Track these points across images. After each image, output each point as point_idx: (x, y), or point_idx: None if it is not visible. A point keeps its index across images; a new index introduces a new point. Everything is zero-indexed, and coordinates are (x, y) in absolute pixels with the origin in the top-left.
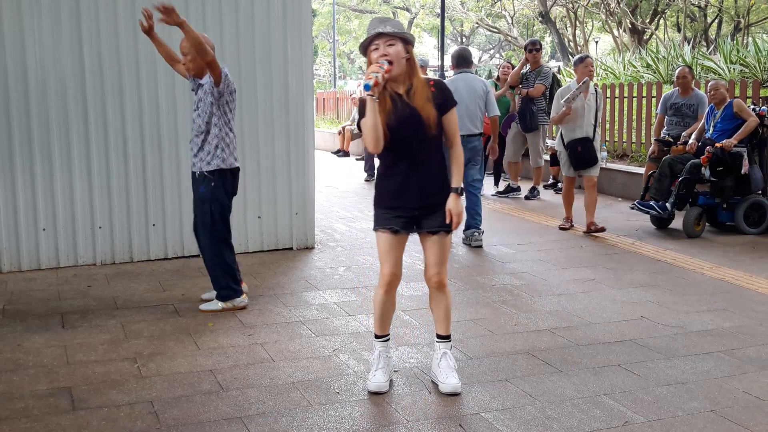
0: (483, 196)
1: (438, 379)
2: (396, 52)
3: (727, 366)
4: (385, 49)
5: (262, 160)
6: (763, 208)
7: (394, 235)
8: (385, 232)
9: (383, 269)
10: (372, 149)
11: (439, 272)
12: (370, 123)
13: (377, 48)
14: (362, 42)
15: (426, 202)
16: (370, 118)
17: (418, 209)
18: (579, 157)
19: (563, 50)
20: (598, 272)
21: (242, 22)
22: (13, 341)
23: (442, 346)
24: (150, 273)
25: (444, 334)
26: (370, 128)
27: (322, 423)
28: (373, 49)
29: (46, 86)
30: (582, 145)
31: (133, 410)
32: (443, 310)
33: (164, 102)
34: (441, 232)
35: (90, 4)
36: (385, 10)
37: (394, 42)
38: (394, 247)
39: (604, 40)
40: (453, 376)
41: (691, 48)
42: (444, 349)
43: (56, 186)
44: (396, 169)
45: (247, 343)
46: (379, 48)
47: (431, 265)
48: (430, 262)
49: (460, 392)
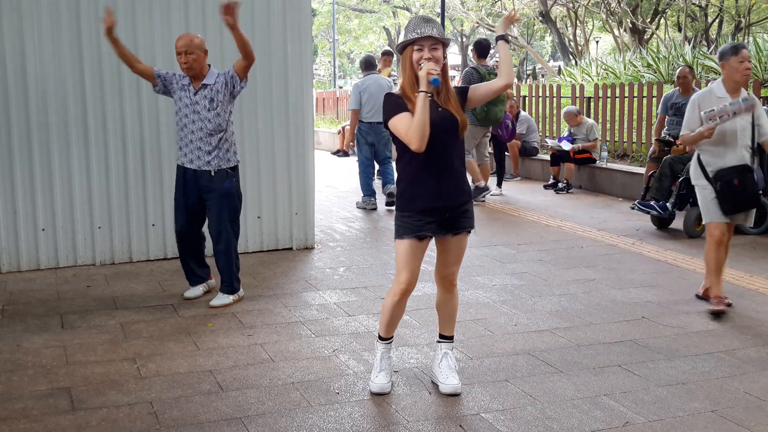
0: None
1: (438, 380)
2: (439, 57)
3: (728, 366)
4: (431, 52)
5: (262, 160)
6: (763, 208)
7: (420, 242)
8: (411, 239)
9: (402, 276)
10: (418, 147)
11: (454, 272)
12: (421, 120)
13: (421, 49)
14: (405, 40)
15: (457, 202)
16: (421, 115)
17: (452, 210)
18: (737, 194)
19: (563, 50)
20: (598, 272)
21: (242, 22)
22: (12, 341)
23: (444, 346)
24: (149, 273)
25: (448, 335)
26: (420, 125)
27: (322, 423)
28: (416, 49)
29: (46, 86)
30: (740, 176)
31: (132, 411)
32: (451, 311)
33: (163, 102)
34: (464, 232)
35: (90, 4)
36: (385, 9)
37: (438, 46)
38: (418, 255)
39: (604, 40)
40: (454, 377)
41: (691, 48)
42: (446, 350)
43: (55, 186)
44: (430, 171)
45: (247, 343)
46: (424, 50)
47: (449, 264)
48: (448, 261)
49: (460, 393)
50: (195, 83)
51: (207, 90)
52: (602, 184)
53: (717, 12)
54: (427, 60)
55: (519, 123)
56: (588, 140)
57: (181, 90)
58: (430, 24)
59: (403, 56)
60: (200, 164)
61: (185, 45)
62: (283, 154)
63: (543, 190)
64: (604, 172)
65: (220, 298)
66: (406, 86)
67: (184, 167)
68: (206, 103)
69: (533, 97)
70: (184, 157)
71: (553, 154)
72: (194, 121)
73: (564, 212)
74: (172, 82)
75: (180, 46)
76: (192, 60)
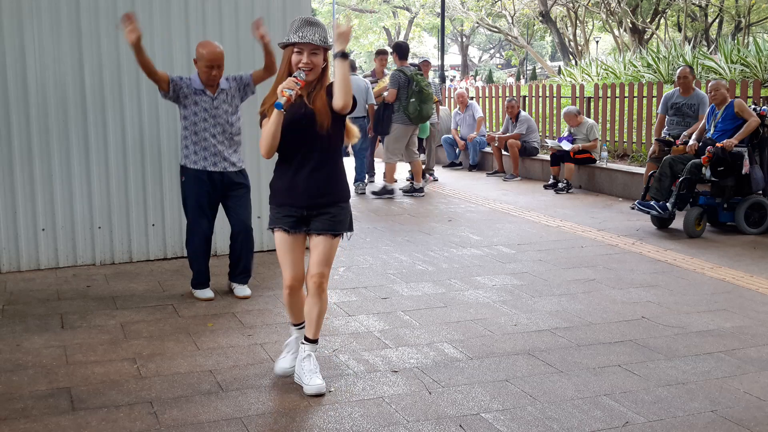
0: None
1: (302, 381)
2: (319, 62)
3: (728, 366)
4: (309, 57)
5: (262, 160)
6: (763, 208)
7: (287, 235)
8: (279, 230)
9: (285, 273)
10: (264, 154)
11: (319, 274)
12: (272, 132)
13: (301, 52)
14: (286, 41)
15: (318, 202)
16: (272, 128)
17: (310, 209)
18: None
19: (564, 50)
20: (598, 272)
21: (242, 22)
22: (12, 341)
23: (308, 348)
24: (149, 273)
25: (312, 338)
26: (269, 136)
27: (322, 423)
28: (296, 51)
29: (46, 86)
30: None
31: (132, 411)
32: (316, 314)
33: (163, 102)
34: (326, 233)
35: (90, 4)
36: (385, 9)
37: (318, 51)
38: (293, 249)
39: (604, 40)
40: (318, 377)
41: (691, 48)
42: (309, 352)
43: (55, 186)
44: (289, 169)
45: (247, 343)
46: (303, 53)
47: (313, 263)
48: (312, 260)
49: (324, 392)
50: (210, 89)
51: (224, 94)
52: (602, 184)
53: (717, 12)
54: (306, 66)
55: (519, 123)
56: (588, 140)
57: (196, 95)
58: (313, 28)
59: (284, 54)
60: (226, 166)
61: (217, 59)
62: None
63: (543, 190)
64: (604, 172)
65: (245, 288)
66: (276, 88)
67: (207, 171)
68: (227, 107)
69: (533, 97)
70: (205, 161)
71: (553, 154)
72: (214, 126)
73: (564, 212)
74: (182, 88)
75: (211, 59)
76: (221, 73)
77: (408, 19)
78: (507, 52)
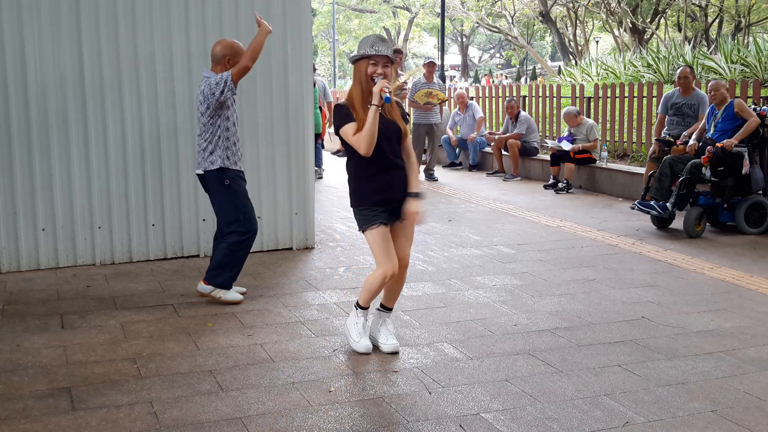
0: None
1: (379, 341)
2: (390, 74)
3: (728, 366)
4: (383, 69)
5: (262, 160)
6: (763, 208)
7: (385, 228)
8: (378, 226)
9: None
10: (366, 153)
11: (407, 255)
12: (370, 131)
13: (376, 64)
14: (361, 53)
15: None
16: (371, 126)
17: (400, 201)
18: None
19: (563, 50)
20: (598, 272)
21: (242, 21)
22: (12, 341)
23: (387, 315)
24: (149, 273)
25: (390, 307)
26: (369, 135)
27: (322, 423)
28: (372, 63)
29: (46, 86)
30: None
31: (132, 410)
32: (401, 287)
33: (163, 102)
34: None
35: (90, 4)
36: (385, 9)
37: (389, 64)
38: (388, 239)
39: (604, 40)
40: (393, 338)
41: (691, 48)
42: (387, 317)
43: (55, 186)
44: (378, 170)
45: (247, 343)
46: (378, 65)
47: (402, 247)
48: (400, 244)
49: (398, 351)
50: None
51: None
52: (602, 184)
53: (717, 12)
54: (379, 75)
55: (519, 123)
56: (588, 140)
57: (233, 93)
58: (386, 44)
59: (357, 67)
60: (239, 165)
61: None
62: (283, 154)
63: (543, 190)
64: (604, 172)
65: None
66: (356, 96)
67: (242, 170)
68: (234, 108)
69: (533, 97)
70: (239, 161)
71: (553, 154)
72: (235, 124)
73: (564, 212)
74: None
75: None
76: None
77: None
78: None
